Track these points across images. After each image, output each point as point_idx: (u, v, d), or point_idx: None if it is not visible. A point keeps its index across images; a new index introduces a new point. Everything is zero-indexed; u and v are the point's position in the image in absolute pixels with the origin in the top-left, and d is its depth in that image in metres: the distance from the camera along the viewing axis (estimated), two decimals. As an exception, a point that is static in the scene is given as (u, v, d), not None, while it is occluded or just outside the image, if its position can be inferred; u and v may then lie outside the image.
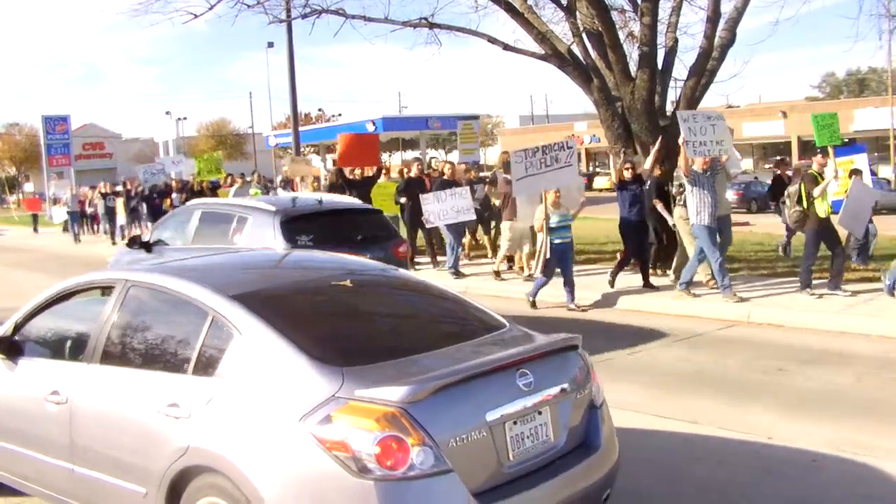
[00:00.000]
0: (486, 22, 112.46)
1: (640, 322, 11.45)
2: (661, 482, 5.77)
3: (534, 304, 12.42)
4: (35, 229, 36.79)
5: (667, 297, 12.42)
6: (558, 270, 12.38)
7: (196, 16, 16.69)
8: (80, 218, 31.67)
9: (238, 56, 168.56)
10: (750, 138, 57.05)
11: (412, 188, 16.83)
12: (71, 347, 5.18)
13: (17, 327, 5.48)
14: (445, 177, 16.12)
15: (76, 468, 4.77)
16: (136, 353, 4.80)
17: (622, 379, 8.47)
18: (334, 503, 3.70)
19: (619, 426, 6.74)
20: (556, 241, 12.05)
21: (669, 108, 16.30)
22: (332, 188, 17.94)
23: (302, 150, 30.89)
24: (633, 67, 15.37)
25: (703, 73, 15.36)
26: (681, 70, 15.99)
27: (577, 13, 15.59)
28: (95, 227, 33.09)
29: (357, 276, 5.28)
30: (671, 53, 15.84)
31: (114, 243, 26.94)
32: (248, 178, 24.78)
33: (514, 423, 4.09)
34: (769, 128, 57.59)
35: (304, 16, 16.78)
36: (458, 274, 15.53)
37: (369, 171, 17.71)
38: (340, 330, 4.63)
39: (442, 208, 14.89)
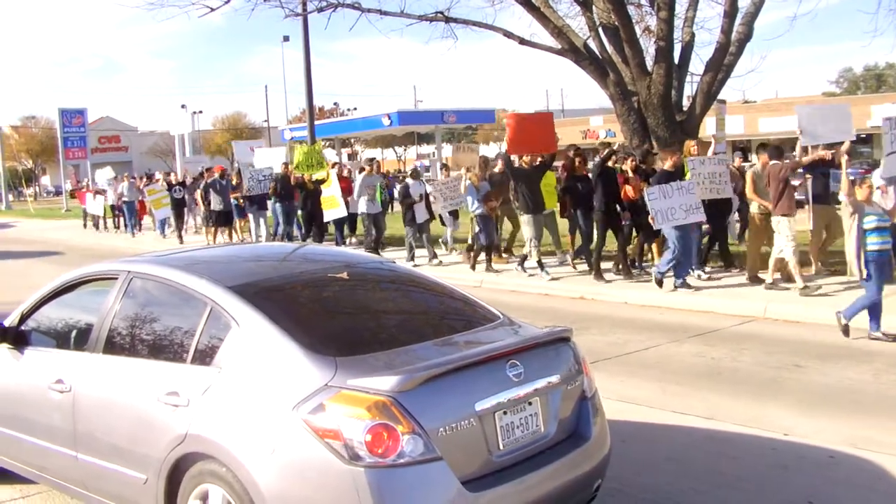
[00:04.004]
0: (503, 16, 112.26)
1: (656, 317, 11.50)
2: (677, 477, 5.81)
3: (846, 331, 9.69)
4: (86, 224, 33.19)
5: None
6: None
7: (212, 9, 16.82)
8: (136, 210, 28.31)
9: (254, 50, 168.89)
10: (766, 134, 56.59)
11: (606, 180, 13.90)
12: (75, 337, 5.28)
13: (24, 317, 5.59)
14: (667, 167, 13.21)
15: (80, 455, 4.87)
16: (138, 343, 4.89)
17: (637, 374, 8.54)
18: (326, 489, 3.78)
19: (634, 421, 6.90)
20: (874, 247, 9.49)
21: (686, 103, 16.33)
22: (493, 182, 16.19)
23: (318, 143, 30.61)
24: (649, 62, 15.43)
25: (720, 67, 15.42)
26: (697, 65, 16.15)
27: (594, 8, 15.65)
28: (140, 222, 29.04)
29: (354, 269, 5.37)
30: (688, 48, 15.91)
31: (181, 241, 24.12)
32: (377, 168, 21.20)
33: (504, 412, 4.15)
34: (786, 123, 57.15)
35: (320, 9, 16.89)
36: (686, 286, 12.45)
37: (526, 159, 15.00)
38: (335, 320, 4.73)
39: (669, 206, 12.30)
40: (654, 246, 14.56)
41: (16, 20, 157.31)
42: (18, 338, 5.47)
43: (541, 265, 14.40)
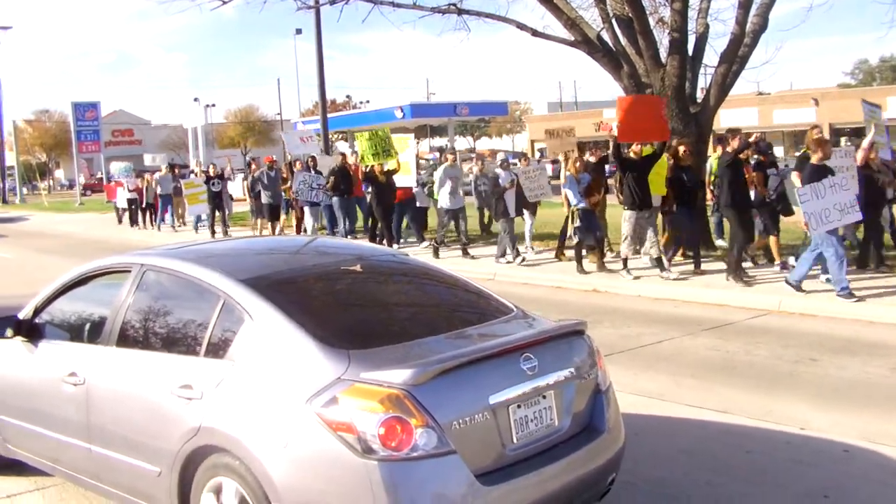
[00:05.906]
0: (515, 7, 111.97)
1: (670, 310, 11.46)
2: (691, 470, 5.79)
3: None
4: (120, 220, 30.84)
5: None
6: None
7: (224, 2, 16.89)
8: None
9: (266, 43, 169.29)
10: (781, 126, 56.44)
11: (736, 172, 12.29)
12: (88, 330, 5.29)
13: (38, 310, 5.60)
14: (815, 160, 11.26)
15: (93, 448, 4.89)
16: (151, 336, 4.89)
17: (651, 367, 8.51)
18: (339, 482, 3.77)
19: (648, 414, 6.89)
20: None
21: (700, 95, 16.25)
22: (597, 170, 14.94)
23: (331, 137, 30.45)
24: (663, 54, 15.35)
25: (735, 59, 15.32)
26: (712, 56, 16.03)
27: (607, -1, 15.57)
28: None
29: (367, 262, 5.36)
30: (702, 40, 15.83)
31: (226, 234, 22.84)
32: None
33: (518, 406, 4.13)
34: (800, 115, 56.90)
35: (333, 2, 16.93)
36: (850, 294, 10.73)
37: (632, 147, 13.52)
38: (348, 313, 4.71)
39: (823, 207, 10.67)
40: (773, 243, 13.33)
41: (29, 14, 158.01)
42: (32, 330, 5.49)
43: (625, 263, 13.29)
